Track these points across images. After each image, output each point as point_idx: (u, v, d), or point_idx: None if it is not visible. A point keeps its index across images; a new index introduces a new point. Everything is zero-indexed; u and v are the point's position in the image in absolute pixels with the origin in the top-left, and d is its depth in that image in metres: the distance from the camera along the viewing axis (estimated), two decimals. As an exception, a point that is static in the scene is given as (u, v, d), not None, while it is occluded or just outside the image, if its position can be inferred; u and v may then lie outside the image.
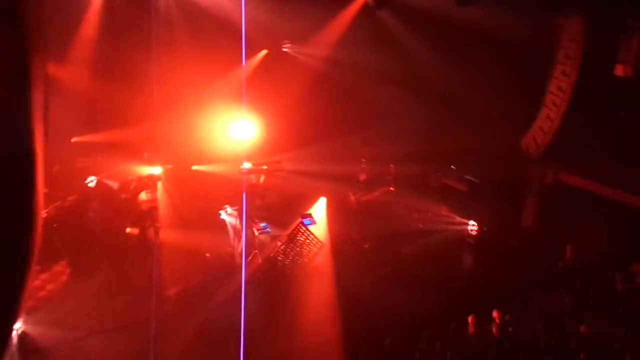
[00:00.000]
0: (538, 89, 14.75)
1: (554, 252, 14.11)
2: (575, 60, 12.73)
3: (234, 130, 14.51)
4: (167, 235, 13.71)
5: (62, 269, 12.88)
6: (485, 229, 15.66)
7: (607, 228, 14.58)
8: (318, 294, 12.38)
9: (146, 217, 13.56)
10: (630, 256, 12.71)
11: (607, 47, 12.86)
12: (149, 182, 14.40)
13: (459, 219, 16.19)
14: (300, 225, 13.47)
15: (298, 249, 13.37)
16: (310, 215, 13.92)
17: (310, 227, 13.55)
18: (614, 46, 13.01)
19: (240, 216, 14.00)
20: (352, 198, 16.44)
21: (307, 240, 13.45)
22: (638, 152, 14.01)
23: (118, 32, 15.18)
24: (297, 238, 13.39)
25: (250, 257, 13.52)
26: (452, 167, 17.59)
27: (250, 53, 15.71)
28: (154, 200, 13.86)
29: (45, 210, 13.97)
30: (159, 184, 14.57)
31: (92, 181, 15.00)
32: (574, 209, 15.32)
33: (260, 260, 13.50)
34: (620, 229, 14.04)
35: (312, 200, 15.60)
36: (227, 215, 14.74)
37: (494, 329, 10.16)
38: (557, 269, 13.64)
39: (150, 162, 14.70)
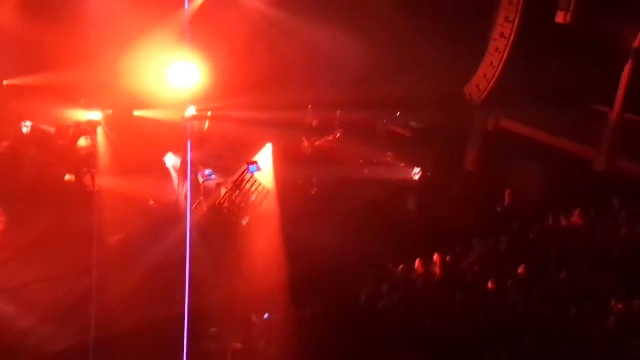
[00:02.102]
0: (482, 36, 14.85)
1: (494, 197, 14.55)
2: (518, 6, 12.85)
3: (177, 75, 14.08)
4: (109, 182, 13.39)
5: (-3, 216, 12.40)
6: (428, 174, 15.96)
7: (544, 173, 15.11)
8: (264, 240, 12.39)
9: (84, 163, 13.14)
10: (566, 200, 13.23)
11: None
12: (88, 128, 13.92)
13: (403, 164, 16.42)
14: (245, 172, 13.35)
15: (244, 196, 13.30)
16: (256, 162, 13.80)
17: (256, 174, 13.45)
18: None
19: (184, 163, 13.74)
20: (306, 144, 16.39)
21: (253, 187, 13.38)
22: (575, 99, 14.47)
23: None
24: (243, 185, 13.30)
25: (195, 205, 13.39)
26: (398, 113, 17.72)
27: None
28: (93, 146, 13.42)
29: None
30: (99, 130, 14.10)
31: (27, 126, 14.38)
32: (514, 154, 15.76)
33: (205, 208, 13.38)
34: (557, 174, 14.60)
35: (258, 147, 15.46)
36: (171, 162, 14.44)
37: (435, 271, 10.46)
38: (496, 213, 14.10)
39: (88, 106, 14.17)
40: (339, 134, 16.63)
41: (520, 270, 10.19)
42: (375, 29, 16.12)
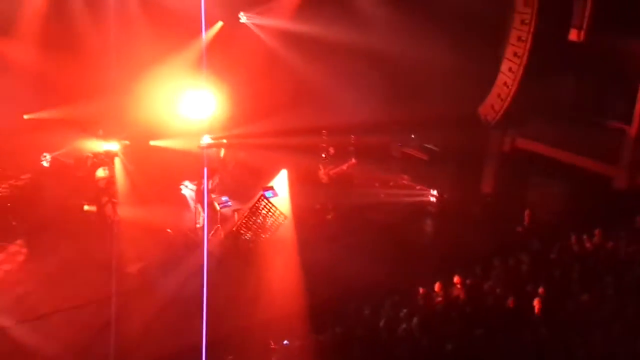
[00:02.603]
0: (495, 56, 14.86)
1: (513, 218, 14.39)
2: (531, 26, 12.86)
3: (192, 104, 14.26)
4: (127, 212, 13.49)
5: (18, 248, 12.57)
6: (445, 196, 15.86)
7: (563, 192, 14.96)
8: (281, 266, 12.36)
9: (104, 193, 13.28)
10: (586, 218, 13.04)
11: (562, 12, 13.00)
12: (106, 159, 14.07)
13: (420, 187, 16.35)
14: (262, 197, 13.37)
15: (260, 222, 13.29)
16: (272, 188, 13.83)
17: (272, 200, 13.47)
18: (568, 11, 13.16)
19: (201, 191, 13.82)
20: (322, 172, 16.40)
21: (270, 213, 13.38)
22: (592, 116, 14.35)
23: (68, 5, 14.72)
24: (259, 211, 13.30)
25: (212, 232, 13.43)
26: (412, 136, 17.70)
27: (206, 25, 15.36)
28: (111, 176, 13.56)
29: None
30: (117, 161, 14.26)
31: (46, 159, 14.62)
32: (532, 174, 15.64)
33: (222, 235, 13.41)
34: (576, 192, 14.43)
35: (274, 172, 15.52)
36: (188, 190, 14.52)
37: (455, 294, 10.33)
38: (516, 233, 13.93)
39: (106, 138, 14.36)
40: (354, 160, 16.63)
41: (541, 291, 10.01)
42: (388, 52, 16.20)
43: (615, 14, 13.28)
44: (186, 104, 14.38)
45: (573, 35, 13.62)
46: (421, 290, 10.43)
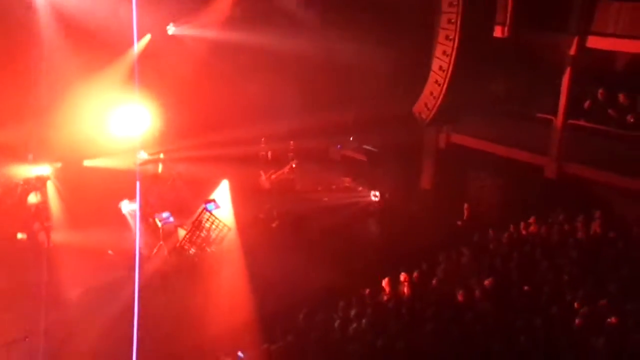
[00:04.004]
0: (427, 54, 15.17)
1: (453, 212, 14.74)
2: (457, 24, 13.18)
3: (125, 121, 13.92)
4: (64, 236, 13.03)
5: (-50, 284, 11.87)
6: (387, 196, 16.08)
7: (499, 184, 15.44)
8: (229, 279, 12.24)
9: (35, 219, 12.76)
10: (522, 208, 13.50)
11: (486, 9, 13.42)
12: (37, 184, 13.56)
13: (362, 188, 16.52)
14: (204, 211, 13.20)
15: (204, 236, 13.12)
16: (213, 200, 13.68)
17: (215, 212, 13.31)
18: (492, 8, 13.60)
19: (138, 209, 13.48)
20: (263, 177, 16.35)
21: (213, 226, 13.21)
22: (521, 109, 14.87)
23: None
24: (202, 224, 13.12)
25: (155, 249, 13.13)
26: (351, 138, 17.89)
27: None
28: (44, 202, 13.05)
29: None
30: (49, 184, 13.76)
31: (-29, 188, 13.93)
32: (469, 168, 16.06)
33: (166, 252, 13.13)
34: (511, 184, 14.92)
35: (215, 184, 15.33)
36: (127, 209, 14.15)
37: (403, 291, 10.48)
38: (457, 227, 14.27)
39: (36, 162, 13.83)
40: (294, 164, 16.64)
41: (486, 282, 10.29)
42: (320, 55, 16.30)
43: (536, 9, 13.83)
44: (118, 121, 14.05)
45: (498, 31, 14.09)
46: (368, 290, 10.53)
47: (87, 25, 13.88)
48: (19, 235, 12.96)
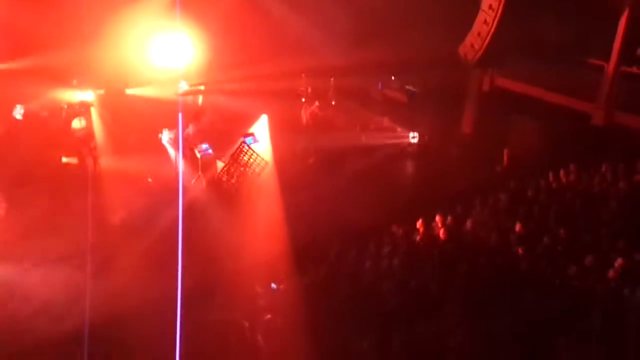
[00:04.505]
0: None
1: (493, 157, 14.53)
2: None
3: (168, 51, 13.95)
4: (106, 162, 13.37)
5: (-3, 203, 12.40)
6: (426, 137, 15.91)
7: (543, 130, 15.07)
8: (265, 211, 12.41)
9: (82, 144, 13.08)
10: (564, 155, 13.21)
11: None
12: (81, 109, 13.84)
13: (400, 129, 16.35)
14: (242, 144, 13.31)
15: (242, 168, 13.27)
16: (252, 134, 13.75)
17: (253, 146, 13.41)
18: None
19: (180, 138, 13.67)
20: (302, 112, 16.31)
21: (251, 159, 13.35)
22: (571, 54, 14.33)
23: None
24: (240, 157, 13.26)
25: (194, 179, 13.38)
26: (392, 78, 17.58)
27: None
28: (88, 127, 13.34)
29: (-29, 145, 13.34)
30: (92, 110, 14.01)
31: (19, 111, 14.29)
32: (511, 113, 15.69)
33: (204, 182, 13.37)
34: (555, 130, 14.55)
35: (254, 118, 15.38)
36: (167, 138, 14.35)
37: (437, 233, 10.51)
38: (495, 173, 14.10)
39: (80, 87, 14.05)
40: (333, 101, 16.52)
41: (518, 228, 10.23)
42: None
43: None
44: (161, 51, 14.08)
45: (552, -29, 13.46)
46: (402, 230, 10.59)
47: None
48: (64, 159, 13.33)
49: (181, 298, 8.18)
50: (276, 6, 15.74)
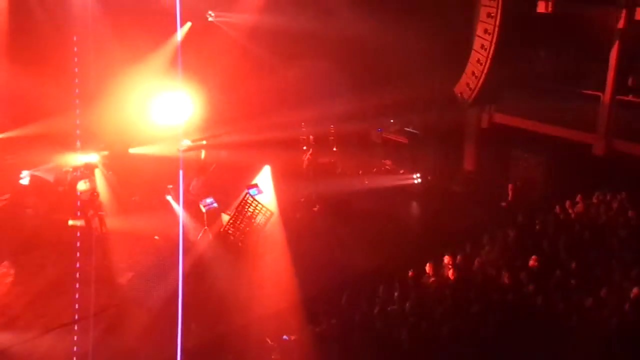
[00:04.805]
0: (467, 34, 14.89)
1: (497, 193, 14.52)
2: (498, 2, 12.87)
3: (168, 109, 14.16)
4: (112, 222, 13.36)
5: (5, 270, 12.42)
6: (429, 178, 15.94)
7: (544, 163, 15.11)
8: (273, 262, 12.39)
9: (88, 206, 13.14)
10: (568, 187, 13.19)
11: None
12: (86, 171, 13.95)
13: (403, 171, 16.41)
14: (247, 196, 13.35)
15: (247, 220, 13.27)
16: (256, 185, 13.82)
17: (258, 197, 13.45)
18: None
19: (181, 195, 13.72)
20: (304, 161, 16.42)
21: (256, 210, 13.36)
22: (567, 86, 14.48)
23: (31, 18, 14.47)
24: (246, 209, 13.28)
25: (200, 235, 13.38)
26: (392, 120, 17.75)
27: (175, 27, 15.22)
28: (93, 188, 13.43)
29: (-20, 212, 13.42)
30: (97, 172, 14.13)
31: (25, 177, 14.43)
32: (512, 148, 15.76)
33: (210, 236, 13.36)
34: (556, 163, 14.58)
35: (257, 169, 15.48)
36: (171, 195, 14.42)
37: (447, 273, 10.40)
38: (501, 208, 14.06)
39: (84, 150, 14.20)
40: (335, 148, 16.64)
41: (531, 262, 10.12)
42: (358, 38, 16.16)
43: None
44: (162, 109, 14.29)
45: (541, 7, 13.69)
46: (411, 272, 10.49)
47: (130, 14, 14.12)
48: (71, 222, 13.38)
49: (187, 356, 8.06)
50: (272, 59, 16.02)
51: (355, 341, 8.90)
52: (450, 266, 10.53)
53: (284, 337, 9.39)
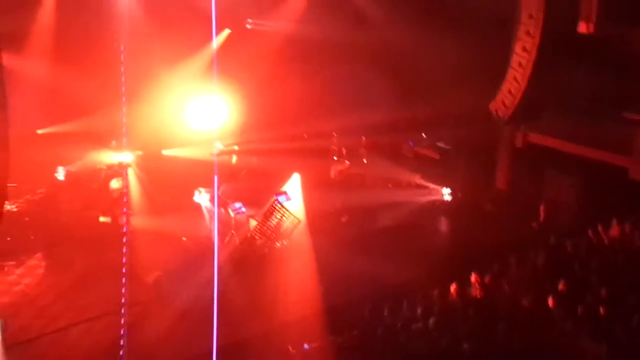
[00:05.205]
0: (504, 51, 14.78)
1: (528, 213, 14.29)
2: (538, 20, 12.77)
3: (203, 113, 14.33)
4: (142, 221, 13.55)
5: (37, 262, 12.73)
6: (459, 194, 15.79)
7: (578, 186, 14.82)
8: (297, 270, 12.38)
9: (117, 204, 13.37)
10: (602, 210, 12.91)
11: (569, 4, 12.91)
12: (119, 170, 14.21)
13: (433, 186, 16.29)
14: (275, 202, 13.40)
15: (275, 227, 13.31)
16: (285, 192, 13.87)
17: (286, 204, 13.49)
18: (575, 3, 13.06)
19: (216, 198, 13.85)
20: (333, 172, 16.45)
21: (284, 218, 13.39)
22: (605, 108, 14.22)
23: (77, 18, 14.87)
24: (273, 216, 13.32)
25: (227, 239, 13.46)
26: (424, 135, 17.66)
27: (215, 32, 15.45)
28: (125, 187, 13.66)
29: (16, 205, 13.77)
30: (130, 171, 14.38)
31: (60, 173, 14.77)
32: (545, 168, 15.52)
33: (237, 241, 13.43)
34: (591, 185, 14.29)
35: (286, 177, 15.54)
36: (201, 198, 14.58)
37: (473, 293, 10.27)
38: (531, 229, 13.83)
39: (118, 149, 14.48)
40: (365, 160, 16.62)
41: (560, 286, 9.92)
42: (396, 51, 16.18)
43: (625, 2, 13.15)
44: (197, 113, 14.48)
45: (582, 27, 13.51)
46: (437, 290, 10.38)
47: (172, 17, 14.38)
48: (102, 219, 13.62)
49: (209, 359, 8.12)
50: (308, 67, 16.14)
51: (376, 354, 8.83)
52: (477, 285, 10.39)
53: (305, 346, 9.37)
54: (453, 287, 10.40)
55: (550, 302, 9.55)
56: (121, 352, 8.74)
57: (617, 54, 13.68)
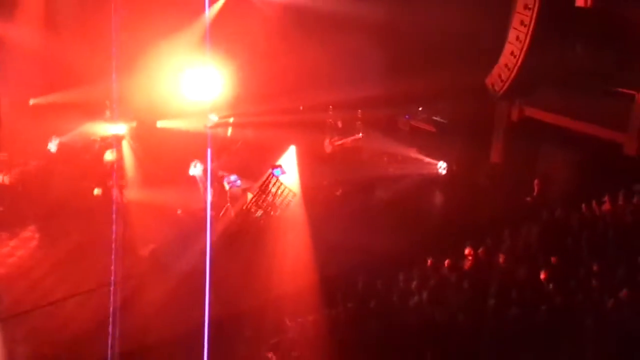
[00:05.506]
0: (502, 25, 14.65)
1: (523, 187, 14.34)
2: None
3: (198, 84, 14.21)
4: (137, 193, 13.55)
5: (30, 234, 12.73)
6: (454, 168, 15.81)
7: (572, 160, 14.86)
8: (292, 243, 12.42)
9: (111, 176, 13.32)
10: (596, 185, 12.97)
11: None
12: (113, 141, 14.11)
13: (428, 160, 16.30)
14: (270, 175, 13.37)
15: (270, 200, 13.32)
16: (280, 166, 13.83)
17: (281, 177, 13.47)
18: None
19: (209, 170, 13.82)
20: (328, 145, 16.41)
21: (279, 191, 13.39)
22: (601, 83, 14.18)
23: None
24: (269, 189, 13.32)
25: (222, 211, 13.47)
26: (420, 108, 17.60)
27: (211, 2, 15.27)
28: (118, 159, 13.60)
29: (9, 176, 13.69)
30: (124, 143, 14.30)
31: (54, 144, 14.66)
32: (540, 143, 15.53)
33: (232, 214, 13.45)
34: (585, 160, 14.33)
35: (282, 150, 15.50)
36: (197, 170, 14.51)
37: (467, 265, 10.35)
38: (525, 203, 13.90)
39: (112, 120, 14.37)
40: (361, 133, 16.58)
41: (553, 259, 10.00)
42: (393, 24, 16.01)
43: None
44: (191, 84, 14.36)
45: (580, 1, 13.38)
46: (430, 262, 10.45)
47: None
48: (96, 191, 13.58)
49: (208, 331, 8.16)
50: (305, 40, 15.96)
51: (371, 327, 8.91)
52: (470, 258, 10.47)
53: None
54: (447, 260, 10.49)
55: (542, 275, 9.66)
56: (110, 328, 8.72)
57: (615, 28, 13.57)
